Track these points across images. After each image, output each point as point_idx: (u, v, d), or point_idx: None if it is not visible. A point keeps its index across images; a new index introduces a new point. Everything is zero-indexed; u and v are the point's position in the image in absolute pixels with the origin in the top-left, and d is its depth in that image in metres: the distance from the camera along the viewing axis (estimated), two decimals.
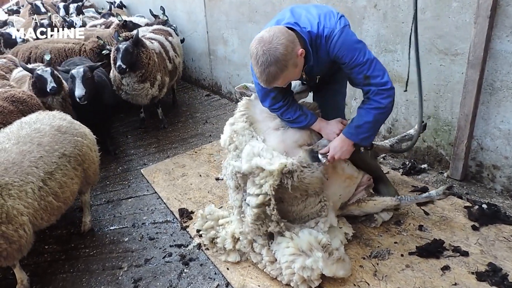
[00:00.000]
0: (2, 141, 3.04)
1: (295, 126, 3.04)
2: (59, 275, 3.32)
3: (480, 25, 3.27)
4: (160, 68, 5.67)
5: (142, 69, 5.31)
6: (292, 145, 3.00)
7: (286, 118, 2.98)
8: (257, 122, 3.15)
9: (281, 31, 2.46)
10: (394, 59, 4.08)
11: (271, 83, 2.54)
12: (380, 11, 4.04)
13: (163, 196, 4.21)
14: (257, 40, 2.45)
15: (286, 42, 2.42)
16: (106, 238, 3.73)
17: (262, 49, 2.40)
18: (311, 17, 2.61)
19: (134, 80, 5.36)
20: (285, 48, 2.40)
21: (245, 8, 5.89)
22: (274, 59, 2.40)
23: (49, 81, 4.37)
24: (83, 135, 3.53)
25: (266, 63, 2.40)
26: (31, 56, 5.86)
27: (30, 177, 2.88)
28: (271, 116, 3.14)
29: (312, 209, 3.01)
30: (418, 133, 3.49)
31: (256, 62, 2.45)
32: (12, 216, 2.69)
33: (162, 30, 6.58)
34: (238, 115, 3.20)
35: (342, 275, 2.77)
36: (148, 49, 5.40)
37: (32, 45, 6.04)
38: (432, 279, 2.78)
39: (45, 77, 4.38)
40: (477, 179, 3.80)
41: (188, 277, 3.14)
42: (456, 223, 3.27)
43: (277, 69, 2.43)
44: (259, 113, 3.18)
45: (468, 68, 3.44)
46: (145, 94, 5.57)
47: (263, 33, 2.46)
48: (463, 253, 2.95)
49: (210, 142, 5.36)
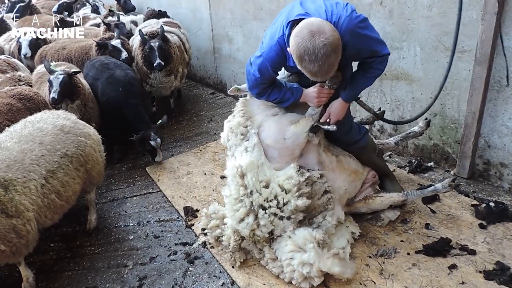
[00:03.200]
0: (5, 140, 3.07)
1: (285, 105, 3.05)
2: (65, 273, 3.33)
3: (488, 22, 3.23)
4: (181, 61, 5.96)
5: (170, 64, 5.65)
6: (287, 123, 3.01)
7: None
8: (255, 115, 3.17)
9: (317, 19, 2.38)
10: (400, 56, 4.05)
11: (330, 73, 2.43)
12: (386, 8, 4.01)
13: (168, 194, 4.20)
14: (308, 35, 2.28)
15: (332, 27, 2.35)
16: (111, 236, 3.73)
17: (320, 41, 2.25)
18: (318, 7, 2.57)
19: (162, 74, 5.70)
20: (336, 34, 2.33)
21: (250, 6, 5.87)
22: (333, 47, 2.28)
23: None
24: (86, 136, 3.52)
25: (327, 53, 2.27)
26: (60, 58, 5.86)
27: (32, 174, 2.91)
28: (269, 106, 3.16)
29: (318, 201, 3.03)
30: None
31: (315, 56, 2.28)
32: (20, 210, 2.73)
33: (173, 23, 6.77)
34: (235, 112, 3.24)
35: (337, 272, 2.72)
36: (172, 44, 5.67)
37: (59, 47, 6.05)
38: (439, 278, 2.75)
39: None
40: (484, 177, 3.76)
41: (193, 275, 3.13)
42: (463, 222, 3.24)
43: (336, 57, 2.34)
44: (257, 107, 3.21)
45: (475, 65, 3.40)
46: (169, 86, 5.97)
47: (307, 27, 2.31)
48: (471, 251, 2.92)
49: (215, 141, 5.34)
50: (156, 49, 5.31)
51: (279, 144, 2.99)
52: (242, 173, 2.95)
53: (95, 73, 5.01)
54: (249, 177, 2.94)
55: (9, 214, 2.67)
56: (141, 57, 5.57)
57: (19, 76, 4.85)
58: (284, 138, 2.96)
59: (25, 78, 4.92)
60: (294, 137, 2.96)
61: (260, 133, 3.06)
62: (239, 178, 2.96)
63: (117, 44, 5.53)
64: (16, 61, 5.63)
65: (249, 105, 3.26)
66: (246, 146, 3.04)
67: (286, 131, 2.97)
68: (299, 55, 2.33)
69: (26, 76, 5.01)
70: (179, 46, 5.98)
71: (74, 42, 6.27)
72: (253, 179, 2.93)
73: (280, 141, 2.99)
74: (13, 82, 4.67)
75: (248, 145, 3.04)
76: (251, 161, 2.96)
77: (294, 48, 2.34)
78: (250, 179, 2.94)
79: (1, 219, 2.61)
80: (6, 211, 2.65)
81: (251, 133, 3.07)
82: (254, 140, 3.03)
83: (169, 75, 5.81)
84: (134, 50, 5.87)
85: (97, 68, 5.05)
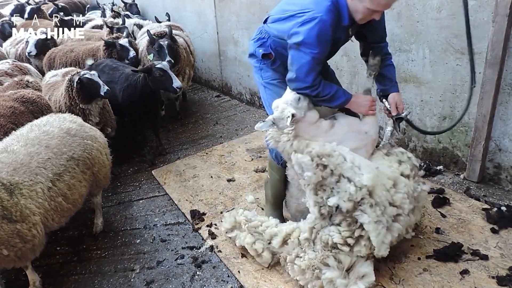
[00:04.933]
0: (11, 143, 3.05)
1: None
2: (71, 277, 3.30)
3: (499, 24, 3.20)
4: (187, 62, 5.95)
5: (178, 64, 5.62)
6: (354, 120, 2.96)
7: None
8: (312, 138, 2.87)
9: None
10: (409, 59, 4.01)
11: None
12: (394, 10, 3.97)
13: (175, 197, 4.18)
14: None
15: None
16: (117, 239, 3.70)
17: None
18: None
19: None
20: None
21: (256, 8, 5.85)
22: None
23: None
24: (93, 138, 3.49)
25: None
26: (68, 61, 5.86)
27: (39, 177, 2.89)
28: (314, 126, 2.88)
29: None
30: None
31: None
32: (25, 215, 2.70)
33: (175, 26, 6.78)
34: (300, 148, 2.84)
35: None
36: (180, 45, 5.68)
37: (67, 49, 6.04)
38: (451, 283, 2.71)
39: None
40: (495, 181, 3.72)
41: (201, 279, 3.10)
42: (475, 226, 3.20)
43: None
44: (304, 133, 2.88)
45: (486, 67, 3.37)
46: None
47: None
48: (483, 256, 2.88)
49: (221, 143, 5.32)
50: (165, 48, 5.30)
51: (365, 140, 2.91)
52: (369, 191, 2.61)
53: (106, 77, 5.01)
54: (379, 191, 2.63)
55: (13, 219, 2.62)
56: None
57: (27, 82, 4.82)
58: (366, 133, 2.90)
59: (33, 84, 4.84)
60: (373, 127, 2.93)
61: (342, 147, 2.78)
62: (370, 198, 2.61)
63: (125, 43, 5.52)
64: (28, 66, 5.55)
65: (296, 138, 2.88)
66: (352, 165, 2.68)
67: (363, 125, 2.91)
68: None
69: (34, 82, 4.92)
70: (185, 48, 5.99)
71: (82, 44, 6.27)
72: (383, 192, 2.64)
73: (364, 138, 2.90)
74: (19, 87, 4.63)
75: (350, 165, 2.69)
76: (371, 175, 2.61)
77: None
78: (381, 192, 2.63)
79: (2, 225, 2.56)
80: (8, 216, 2.60)
81: (338, 156, 2.70)
82: (351, 157, 2.71)
83: (177, 77, 5.73)
84: (141, 52, 5.88)
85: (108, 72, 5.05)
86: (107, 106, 4.56)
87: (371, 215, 2.56)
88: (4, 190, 2.65)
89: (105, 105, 4.52)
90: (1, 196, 2.60)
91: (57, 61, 5.88)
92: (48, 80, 4.88)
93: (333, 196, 2.64)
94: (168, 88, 4.55)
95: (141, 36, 6.86)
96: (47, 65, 5.94)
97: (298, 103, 2.79)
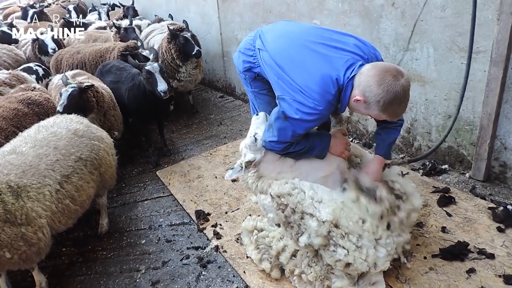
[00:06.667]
0: (19, 145, 3.04)
1: (313, 154, 2.76)
2: (77, 278, 3.32)
3: (504, 22, 3.18)
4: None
5: (200, 55, 5.91)
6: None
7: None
8: (279, 176, 2.84)
9: (381, 62, 2.39)
10: (413, 58, 4.00)
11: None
12: (398, 9, 3.97)
13: (179, 198, 4.18)
14: (392, 79, 2.20)
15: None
16: (123, 240, 3.71)
17: (404, 81, 2.22)
18: (354, 46, 2.50)
19: (192, 66, 6.01)
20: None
21: (259, 9, 5.85)
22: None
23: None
24: (100, 139, 3.51)
25: (409, 89, 2.28)
26: (74, 62, 5.90)
27: (47, 180, 2.89)
28: (278, 162, 2.85)
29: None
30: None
31: (405, 97, 2.26)
32: (31, 218, 2.69)
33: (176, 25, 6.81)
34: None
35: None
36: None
37: (74, 51, 6.08)
38: (458, 282, 2.70)
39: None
40: (501, 180, 3.70)
41: (207, 279, 3.10)
42: (481, 225, 3.18)
43: None
44: (270, 172, 2.86)
45: (491, 66, 3.35)
46: (194, 80, 6.25)
47: (385, 71, 2.22)
48: (489, 255, 2.86)
49: (225, 144, 5.32)
50: (190, 39, 5.61)
51: (334, 163, 2.80)
52: (334, 224, 2.53)
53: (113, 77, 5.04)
54: (345, 222, 2.54)
55: (17, 222, 2.61)
56: (175, 50, 5.72)
57: (34, 88, 4.85)
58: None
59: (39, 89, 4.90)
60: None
61: (303, 182, 2.73)
62: (337, 230, 2.54)
63: (147, 55, 5.49)
64: (25, 75, 5.52)
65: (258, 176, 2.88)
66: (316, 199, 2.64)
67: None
68: (389, 101, 2.22)
69: (40, 88, 4.99)
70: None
71: (89, 46, 6.31)
72: (350, 223, 2.54)
73: (332, 162, 2.80)
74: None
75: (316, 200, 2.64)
76: (331, 209, 2.55)
77: (381, 96, 2.21)
78: (347, 223, 2.54)
79: (4, 228, 2.54)
80: (12, 220, 2.59)
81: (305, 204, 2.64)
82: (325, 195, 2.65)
83: (197, 68, 6.12)
84: (159, 48, 5.95)
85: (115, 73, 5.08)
86: (112, 110, 4.51)
87: (346, 245, 2.49)
88: (10, 193, 2.64)
89: (110, 109, 4.46)
90: (5, 199, 2.60)
91: (64, 63, 5.91)
92: (56, 82, 4.89)
93: (302, 233, 2.62)
94: (154, 91, 4.44)
95: (147, 34, 7.06)
96: (54, 67, 5.97)
97: (255, 144, 2.79)
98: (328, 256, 2.58)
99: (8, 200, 2.61)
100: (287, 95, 2.49)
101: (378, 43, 4.24)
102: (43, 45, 6.50)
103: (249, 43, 2.99)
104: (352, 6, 4.40)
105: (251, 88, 3.11)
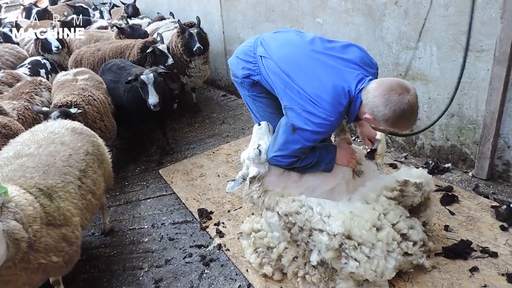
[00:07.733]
0: (22, 148, 2.81)
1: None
2: (80, 275, 3.32)
3: (507, 20, 3.18)
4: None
5: (207, 51, 6.05)
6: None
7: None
8: (285, 191, 2.82)
9: (387, 79, 2.36)
10: (416, 56, 4.00)
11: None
12: (401, 7, 3.96)
13: (182, 196, 4.19)
14: (399, 97, 2.20)
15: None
16: (126, 238, 3.72)
17: (410, 97, 2.22)
18: (359, 57, 2.54)
19: (202, 62, 6.04)
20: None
21: (262, 7, 5.85)
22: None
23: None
24: (96, 136, 3.43)
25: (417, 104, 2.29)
26: (95, 60, 5.88)
27: (68, 177, 2.74)
28: (283, 177, 2.83)
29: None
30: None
31: (412, 114, 2.26)
32: (67, 217, 2.57)
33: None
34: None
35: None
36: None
37: (94, 49, 6.07)
38: (460, 280, 2.70)
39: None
40: (504, 178, 3.69)
41: (209, 278, 3.11)
42: (484, 223, 3.18)
43: None
44: (275, 186, 2.82)
45: (494, 64, 3.35)
46: (203, 75, 6.30)
47: (391, 89, 2.23)
48: (492, 254, 2.86)
49: (227, 143, 5.33)
50: (195, 35, 5.62)
51: (340, 174, 2.82)
52: (346, 236, 2.51)
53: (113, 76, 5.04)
54: (357, 232, 2.53)
55: (57, 223, 2.48)
56: (181, 45, 5.75)
57: (40, 81, 4.85)
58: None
59: (45, 83, 4.94)
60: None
61: (310, 199, 2.73)
62: (350, 241, 2.51)
63: (163, 49, 5.46)
64: (20, 73, 5.51)
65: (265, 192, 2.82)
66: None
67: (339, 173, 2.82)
68: (397, 118, 2.23)
69: (46, 81, 5.03)
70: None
71: (108, 43, 6.29)
72: (363, 231, 2.54)
73: (338, 173, 2.82)
74: (33, 86, 4.67)
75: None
76: (340, 221, 2.53)
77: (389, 116, 2.23)
78: (360, 232, 2.53)
79: (49, 231, 2.39)
80: (53, 222, 2.46)
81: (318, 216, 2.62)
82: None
83: (206, 63, 6.16)
84: (170, 43, 5.98)
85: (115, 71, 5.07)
86: (106, 117, 4.43)
87: (359, 257, 2.46)
88: (43, 196, 2.50)
89: (105, 116, 4.40)
90: (42, 202, 2.45)
91: (85, 62, 5.91)
92: (59, 78, 4.89)
93: (311, 250, 2.62)
94: (146, 101, 4.45)
95: (152, 32, 7.12)
96: (73, 67, 5.81)
97: (259, 157, 2.74)
98: (339, 268, 2.56)
99: (45, 203, 2.46)
100: (296, 105, 2.44)
101: (381, 41, 4.24)
102: (47, 43, 6.50)
103: (249, 49, 2.91)
104: (355, 5, 4.40)
105: (248, 92, 3.04)
